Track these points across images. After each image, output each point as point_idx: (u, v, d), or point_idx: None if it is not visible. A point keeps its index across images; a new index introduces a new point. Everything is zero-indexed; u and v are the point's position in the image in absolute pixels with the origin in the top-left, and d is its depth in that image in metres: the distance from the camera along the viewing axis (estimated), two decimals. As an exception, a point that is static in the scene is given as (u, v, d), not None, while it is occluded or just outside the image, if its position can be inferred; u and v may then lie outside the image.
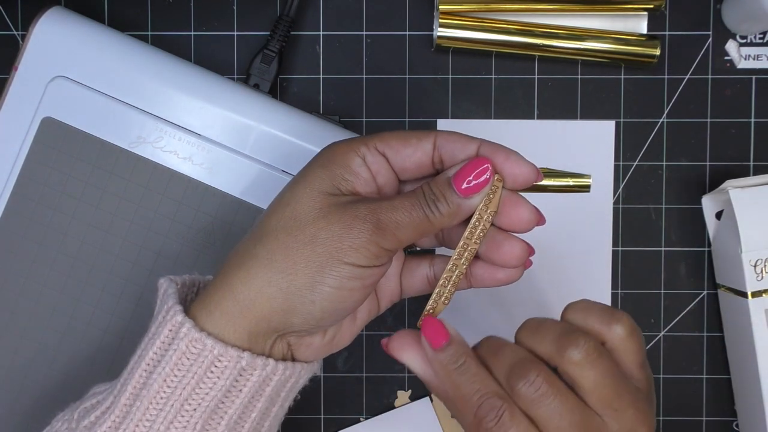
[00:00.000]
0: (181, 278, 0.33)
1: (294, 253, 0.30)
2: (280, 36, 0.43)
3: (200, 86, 0.40)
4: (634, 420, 0.30)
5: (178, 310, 0.31)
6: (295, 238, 0.30)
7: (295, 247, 0.30)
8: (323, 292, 0.30)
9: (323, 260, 0.30)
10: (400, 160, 0.32)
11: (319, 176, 0.31)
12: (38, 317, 0.40)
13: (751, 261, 0.42)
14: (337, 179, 0.31)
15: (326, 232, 0.30)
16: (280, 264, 0.30)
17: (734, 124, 0.46)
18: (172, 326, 0.30)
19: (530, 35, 0.44)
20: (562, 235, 0.46)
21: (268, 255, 0.30)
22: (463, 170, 0.31)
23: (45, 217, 0.40)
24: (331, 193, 0.31)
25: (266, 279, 0.30)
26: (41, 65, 0.40)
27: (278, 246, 0.30)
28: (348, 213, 0.30)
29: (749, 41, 0.45)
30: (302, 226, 0.30)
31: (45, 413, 0.40)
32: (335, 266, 0.30)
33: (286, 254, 0.30)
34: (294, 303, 0.30)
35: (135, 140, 0.40)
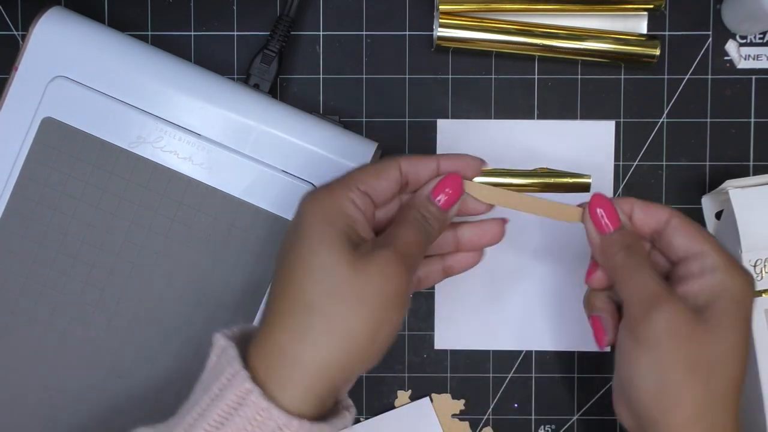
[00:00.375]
0: (233, 332, 0.34)
1: (351, 317, 0.31)
2: (280, 36, 0.43)
3: (200, 86, 0.40)
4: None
5: (245, 377, 0.31)
6: (348, 305, 0.31)
7: (350, 313, 0.31)
8: (381, 340, 0.32)
9: (378, 314, 0.32)
10: (380, 193, 0.34)
11: (332, 236, 0.32)
12: (38, 317, 0.40)
13: (751, 261, 0.42)
14: (348, 232, 0.33)
15: (370, 287, 0.31)
16: (340, 332, 0.31)
17: (734, 124, 0.46)
18: (240, 392, 0.31)
19: (530, 35, 0.44)
20: (562, 235, 0.46)
21: (325, 326, 0.31)
22: (436, 187, 0.35)
23: (45, 217, 0.40)
24: (349, 249, 0.32)
25: (329, 347, 0.31)
26: (41, 65, 0.40)
27: (333, 316, 0.31)
28: (377, 262, 0.32)
29: (749, 41, 0.45)
30: (346, 292, 0.32)
31: (45, 413, 0.40)
32: (388, 313, 0.32)
33: (343, 321, 0.31)
34: (357, 361, 0.32)
35: (135, 140, 0.40)
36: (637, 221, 0.37)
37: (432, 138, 0.46)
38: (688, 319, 0.34)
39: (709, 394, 0.34)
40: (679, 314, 0.33)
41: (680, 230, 0.36)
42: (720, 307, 0.34)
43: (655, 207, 0.36)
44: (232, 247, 0.40)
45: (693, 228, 0.36)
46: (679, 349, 0.33)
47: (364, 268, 0.32)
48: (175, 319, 0.40)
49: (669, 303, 0.34)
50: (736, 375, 0.34)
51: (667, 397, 0.33)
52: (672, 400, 0.33)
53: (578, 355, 0.46)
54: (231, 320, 0.40)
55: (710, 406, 0.34)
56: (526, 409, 0.47)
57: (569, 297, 0.46)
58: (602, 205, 0.36)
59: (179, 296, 0.40)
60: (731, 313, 0.34)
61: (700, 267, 0.35)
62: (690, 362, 0.33)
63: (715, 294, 0.34)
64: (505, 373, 0.46)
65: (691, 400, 0.33)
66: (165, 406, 0.40)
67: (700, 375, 0.33)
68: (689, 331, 0.33)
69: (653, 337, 0.33)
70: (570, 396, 0.46)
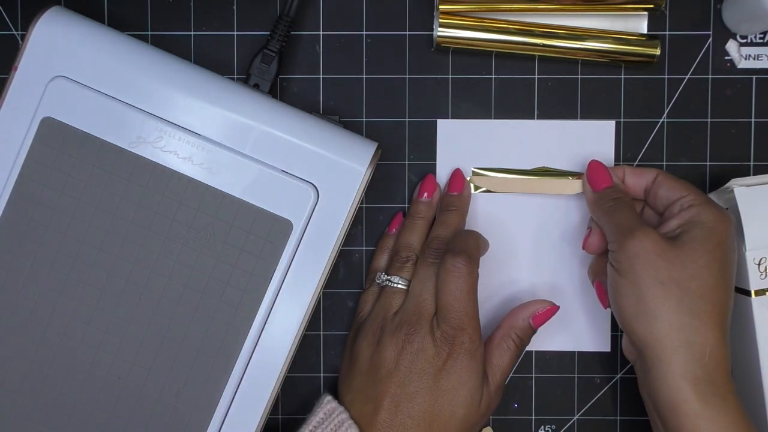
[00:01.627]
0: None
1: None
2: (280, 36, 0.43)
3: (200, 86, 0.40)
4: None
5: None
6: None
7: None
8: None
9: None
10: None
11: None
12: (38, 317, 0.40)
13: (755, 259, 0.42)
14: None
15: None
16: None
17: (734, 124, 0.46)
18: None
19: (530, 35, 0.44)
20: (562, 235, 0.46)
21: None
22: (540, 316, 0.42)
23: (45, 217, 0.40)
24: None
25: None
26: (41, 65, 0.40)
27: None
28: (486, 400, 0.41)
29: (749, 41, 0.45)
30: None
31: (45, 413, 0.40)
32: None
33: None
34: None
35: (135, 140, 0.40)
36: (629, 183, 0.43)
37: (432, 138, 0.46)
38: (660, 243, 0.38)
39: (684, 307, 0.37)
40: (650, 239, 0.38)
41: (664, 183, 0.41)
42: (691, 234, 0.39)
43: (643, 168, 0.43)
44: (232, 247, 0.40)
45: (675, 180, 0.41)
46: (651, 267, 0.38)
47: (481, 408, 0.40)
48: (175, 319, 0.40)
49: (641, 230, 0.39)
50: (711, 296, 0.38)
51: (647, 312, 0.38)
52: (651, 314, 0.38)
53: (578, 355, 0.46)
54: (231, 320, 0.40)
55: (688, 320, 0.37)
56: (526, 409, 0.47)
57: (569, 297, 0.46)
58: (597, 167, 0.43)
59: (179, 296, 0.40)
60: (702, 237, 0.38)
61: (679, 207, 0.40)
62: (661, 278, 0.38)
63: (689, 224, 0.39)
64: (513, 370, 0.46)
65: (667, 311, 0.37)
66: (165, 407, 0.41)
67: (673, 289, 0.37)
68: (660, 252, 0.38)
69: (627, 260, 0.38)
70: (570, 396, 0.46)
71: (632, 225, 0.39)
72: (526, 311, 0.42)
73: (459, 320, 0.39)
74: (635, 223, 0.40)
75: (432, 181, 0.45)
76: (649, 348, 0.38)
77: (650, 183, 0.42)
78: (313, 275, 0.40)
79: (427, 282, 0.41)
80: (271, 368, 0.41)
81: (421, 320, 0.40)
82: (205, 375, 0.40)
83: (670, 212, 0.41)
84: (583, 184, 0.44)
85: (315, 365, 0.46)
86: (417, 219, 0.44)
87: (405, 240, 0.44)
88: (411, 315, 0.40)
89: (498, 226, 0.46)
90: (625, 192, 0.42)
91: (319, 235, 0.40)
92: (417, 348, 0.39)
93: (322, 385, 0.46)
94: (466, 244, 0.41)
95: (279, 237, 0.40)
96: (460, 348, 0.39)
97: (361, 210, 0.46)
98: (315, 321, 0.46)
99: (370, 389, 0.40)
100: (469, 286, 0.40)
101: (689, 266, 0.38)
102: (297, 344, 0.41)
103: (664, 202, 0.41)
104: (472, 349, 0.39)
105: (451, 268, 0.40)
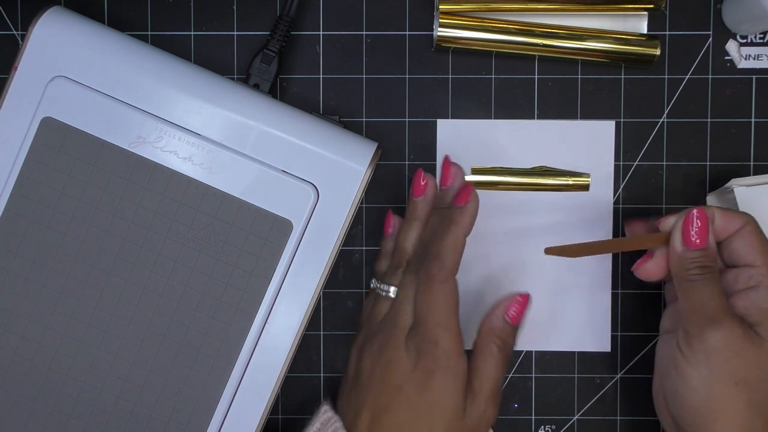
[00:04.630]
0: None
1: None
2: (280, 36, 0.43)
3: (200, 86, 0.40)
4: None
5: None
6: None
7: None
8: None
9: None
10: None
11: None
12: (38, 317, 0.40)
13: (754, 260, 0.42)
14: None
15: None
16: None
17: (734, 124, 0.46)
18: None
19: (530, 35, 0.44)
20: (561, 234, 0.46)
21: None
22: (513, 309, 0.40)
23: (45, 217, 0.40)
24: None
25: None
26: (41, 65, 0.40)
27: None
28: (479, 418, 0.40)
29: (749, 41, 0.45)
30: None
31: (45, 413, 0.40)
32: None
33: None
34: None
35: (135, 140, 0.40)
36: (717, 227, 0.38)
37: (432, 138, 0.46)
38: (742, 339, 0.36)
39: (753, 408, 0.36)
40: (735, 335, 0.36)
41: (745, 238, 0.38)
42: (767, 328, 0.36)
43: (734, 213, 0.38)
44: (232, 247, 0.40)
45: (758, 239, 0.38)
46: (729, 364, 0.36)
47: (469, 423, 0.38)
48: (175, 319, 0.40)
49: (728, 322, 0.36)
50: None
51: (713, 411, 0.36)
52: (717, 414, 0.36)
53: (578, 355, 0.46)
54: (231, 320, 0.40)
55: (754, 420, 0.36)
56: (526, 409, 0.47)
57: (569, 297, 0.46)
58: (701, 219, 0.38)
59: (179, 296, 0.40)
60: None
61: (745, 282, 0.37)
62: (737, 378, 0.36)
63: (763, 313, 0.36)
64: (505, 373, 0.46)
65: (735, 413, 0.36)
66: (165, 407, 0.41)
67: (746, 390, 0.36)
68: (741, 348, 0.36)
69: (706, 351, 0.36)
70: (570, 396, 0.46)
71: (719, 312, 0.36)
72: (499, 310, 0.40)
73: (432, 333, 0.37)
74: (723, 310, 0.36)
75: (421, 178, 0.42)
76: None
77: (736, 230, 0.38)
78: (313, 275, 0.40)
79: (407, 291, 0.39)
80: (271, 368, 0.41)
81: (396, 331, 0.39)
82: (205, 375, 0.40)
83: (734, 281, 0.38)
84: (674, 230, 0.39)
85: (315, 365, 0.46)
86: (412, 220, 0.42)
87: (400, 244, 0.41)
88: (388, 325, 0.39)
89: (500, 225, 0.46)
90: (715, 260, 0.38)
91: (319, 235, 0.40)
92: (388, 359, 0.38)
93: (322, 385, 0.46)
94: (442, 252, 0.38)
95: (279, 237, 0.40)
96: (434, 364, 0.37)
97: (361, 210, 0.46)
98: (315, 321, 0.46)
99: (353, 397, 0.40)
100: (444, 295, 0.38)
101: (766, 365, 0.36)
102: (297, 344, 0.41)
103: (732, 259, 0.38)
104: (447, 365, 0.37)
105: (425, 278, 0.38)
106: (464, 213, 0.39)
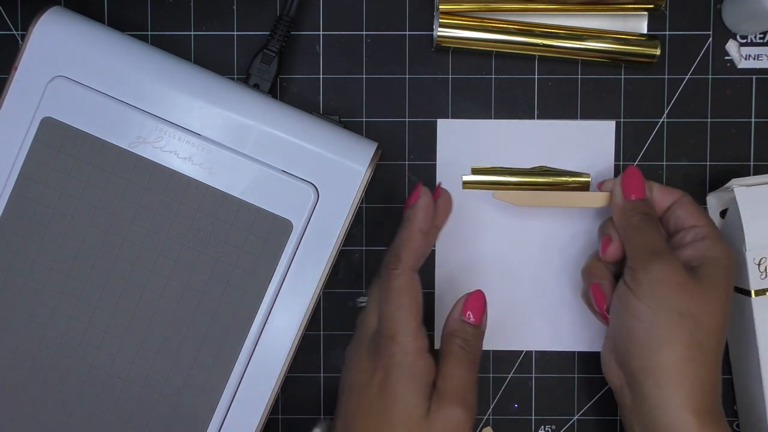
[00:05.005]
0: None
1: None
2: (280, 36, 0.43)
3: (200, 86, 0.40)
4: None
5: None
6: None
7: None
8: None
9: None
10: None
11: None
12: (38, 317, 0.40)
13: (755, 259, 0.42)
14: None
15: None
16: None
17: (734, 124, 0.46)
18: None
19: (530, 35, 0.44)
20: (562, 234, 0.46)
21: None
22: (469, 307, 0.40)
23: (45, 217, 0.40)
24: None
25: None
26: (41, 65, 0.40)
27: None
28: (447, 418, 0.38)
29: (749, 41, 0.45)
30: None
31: (45, 413, 0.40)
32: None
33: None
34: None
35: (135, 140, 0.40)
36: (656, 198, 0.42)
37: (432, 138, 0.46)
38: (683, 272, 0.38)
39: (695, 341, 0.37)
40: (676, 267, 0.38)
41: (686, 206, 0.41)
42: (709, 269, 0.39)
43: (671, 188, 0.42)
44: (232, 247, 0.40)
45: (696, 207, 0.41)
46: (671, 295, 0.38)
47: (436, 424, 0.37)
48: (175, 319, 0.40)
49: (668, 256, 0.38)
50: (718, 333, 0.38)
51: (658, 341, 0.38)
52: (662, 344, 0.37)
53: (578, 355, 0.46)
54: (231, 320, 0.40)
55: (696, 353, 0.37)
56: (526, 409, 0.47)
57: (569, 297, 0.46)
58: (634, 175, 0.42)
59: (179, 296, 0.40)
60: (718, 275, 0.39)
61: (693, 236, 0.40)
62: (680, 309, 0.37)
63: (706, 258, 0.39)
64: (505, 373, 0.46)
65: (680, 342, 0.37)
66: (165, 407, 0.41)
67: (688, 322, 0.37)
68: (682, 282, 0.38)
69: (650, 282, 0.38)
70: (570, 396, 0.46)
71: (659, 248, 0.39)
72: (456, 310, 0.40)
73: (389, 328, 0.37)
74: (662, 246, 0.39)
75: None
76: (651, 376, 0.38)
77: (672, 202, 0.42)
78: (313, 275, 0.40)
79: (373, 296, 0.39)
80: (271, 368, 0.41)
81: (359, 336, 0.39)
82: (205, 375, 0.40)
83: (682, 239, 0.41)
84: (614, 188, 0.42)
85: (315, 365, 0.46)
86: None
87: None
88: (357, 331, 0.40)
89: (500, 225, 0.46)
90: (653, 209, 0.42)
91: (319, 235, 0.40)
92: (352, 366, 0.39)
93: (322, 385, 0.46)
94: (396, 247, 0.39)
95: (279, 237, 0.40)
96: (390, 360, 0.37)
97: (361, 210, 0.46)
98: (315, 321, 0.46)
99: (337, 406, 0.40)
100: (399, 288, 0.37)
101: (706, 301, 0.38)
102: (297, 344, 0.41)
103: (678, 225, 0.41)
104: (404, 361, 0.36)
105: (385, 276, 0.38)
106: (415, 209, 0.39)
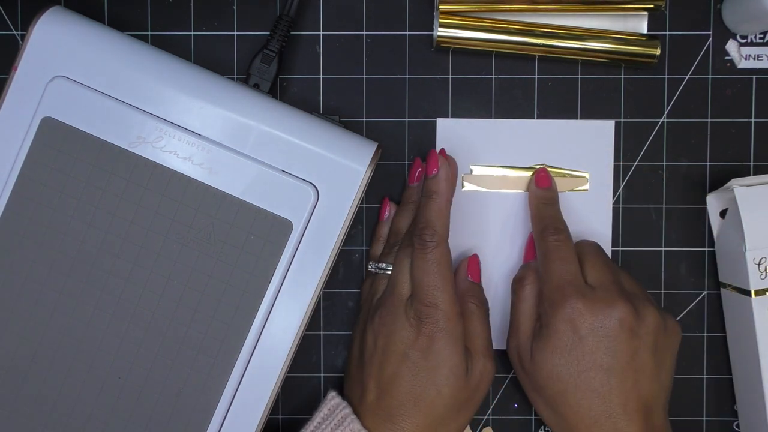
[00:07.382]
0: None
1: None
2: (280, 36, 0.43)
3: (200, 86, 0.40)
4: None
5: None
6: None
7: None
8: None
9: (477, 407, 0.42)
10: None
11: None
12: (38, 317, 0.40)
13: (755, 259, 0.42)
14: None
15: (479, 394, 0.42)
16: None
17: (734, 124, 0.46)
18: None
19: (530, 35, 0.44)
20: (562, 235, 0.46)
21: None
22: (470, 268, 0.44)
23: (45, 217, 0.40)
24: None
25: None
26: (41, 65, 0.40)
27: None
28: (481, 372, 0.42)
29: (749, 41, 0.45)
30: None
31: (45, 414, 0.40)
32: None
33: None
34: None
35: (135, 140, 0.40)
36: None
37: (432, 138, 0.46)
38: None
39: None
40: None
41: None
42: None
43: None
44: (232, 247, 0.40)
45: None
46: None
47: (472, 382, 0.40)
48: (175, 319, 0.40)
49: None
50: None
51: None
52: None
53: (578, 355, 0.46)
54: (231, 320, 0.40)
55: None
56: (526, 409, 0.47)
57: (569, 297, 0.46)
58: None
59: (179, 296, 0.40)
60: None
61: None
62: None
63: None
64: (505, 373, 0.46)
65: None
66: (165, 407, 0.41)
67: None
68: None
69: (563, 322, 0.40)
70: (570, 396, 0.46)
71: (573, 284, 0.41)
72: (461, 272, 0.44)
73: (431, 296, 0.39)
74: (576, 282, 0.41)
75: (417, 165, 0.45)
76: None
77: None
78: (313, 275, 0.40)
79: (403, 264, 0.41)
80: (271, 368, 0.41)
81: (395, 301, 0.40)
82: (205, 375, 0.40)
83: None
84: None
85: (315, 365, 0.46)
86: (407, 204, 0.44)
87: (395, 226, 0.44)
88: (386, 298, 0.41)
89: (500, 225, 0.46)
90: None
91: (319, 235, 0.40)
92: (391, 330, 0.40)
93: (322, 385, 0.46)
94: (430, 220, 0.41)
95: (279, 237, 0.40)
96: (435, 326, 0.39)
97: (361, 210, 0.46)
98: (315, 321, 0.46)
99: (358, 374, 0.41)
100: (438, 259, 0.40)
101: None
102: (297, 344, 0.41)
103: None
104: (447, 327, 0.39)
105: (419, 246, 0.40)
106: (438, 181, 0.41)
